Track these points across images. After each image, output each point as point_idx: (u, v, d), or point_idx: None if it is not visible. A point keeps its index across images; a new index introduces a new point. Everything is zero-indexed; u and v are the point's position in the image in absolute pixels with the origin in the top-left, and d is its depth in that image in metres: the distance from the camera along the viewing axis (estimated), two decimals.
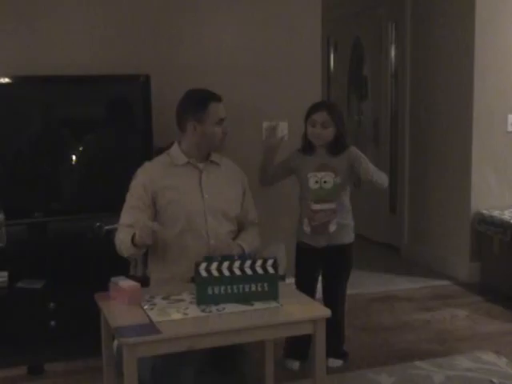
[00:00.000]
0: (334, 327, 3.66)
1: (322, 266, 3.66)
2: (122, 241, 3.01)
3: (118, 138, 4.07)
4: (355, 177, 3.57)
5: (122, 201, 3.11)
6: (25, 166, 3.89)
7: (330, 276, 3.65)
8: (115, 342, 2.86)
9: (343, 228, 3.56)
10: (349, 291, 3.73)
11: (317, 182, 3.49)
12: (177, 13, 4.35)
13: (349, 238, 3.60)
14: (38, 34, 4.06)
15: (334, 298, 3.60)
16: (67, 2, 4.11)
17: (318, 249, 3.56)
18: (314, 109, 3.53)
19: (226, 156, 3.29)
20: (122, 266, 3.30)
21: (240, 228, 3.23)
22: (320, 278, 3.71)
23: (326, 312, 2.65)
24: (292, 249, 3.68)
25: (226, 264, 2.65)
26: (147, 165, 3.18)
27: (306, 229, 3.55)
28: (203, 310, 2.60)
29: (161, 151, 3.32)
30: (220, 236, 3.08)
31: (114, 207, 3.20)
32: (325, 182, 3.48)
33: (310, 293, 3.48)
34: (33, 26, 4.06)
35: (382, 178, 3.52)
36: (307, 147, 3.57)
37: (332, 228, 3.51)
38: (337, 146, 3.51)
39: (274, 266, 2.69)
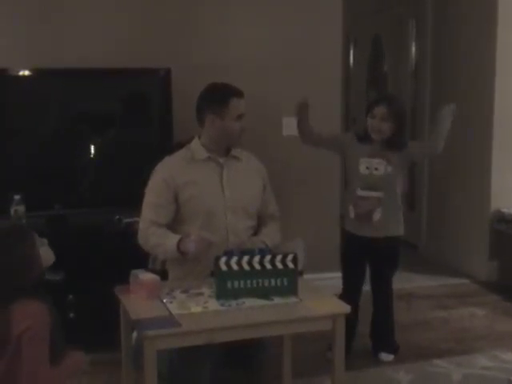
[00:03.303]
0: (385, 321, 3.67)
1: (368, 259, 3.61)
2: (160, 244, 2.96)
3: (138, 131, 4.08)
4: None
5: (142, 194, 3.10)
6: (45, 158, 3.91)
7: (375, 270, 3.64)
8: (134, 334, 2.87)
9: (389, 219, 3.49)
10: (367, 288, 3.72)
11: (368, 167, 3.43)
12: (199, 7, 4.36)
13: (395, 230, 3.55)
14: (58, 27, 4.10)
15: (380, 294, 3.62)
16: None
17: (363, 239, 3.51)
18: (375, 102, 3.51)
19: (247, 150, 3.26)
20: (140, 259, 3.31)
21: (260, 222, 3.19)
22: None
23: (346, 308, 2.64)
24: (311, 244, 3.67)
25: (245, 258, 2.65)
26: (167, 160, 3.13)
27: (351, 214, 3.51)
28: (223, 304, 2.60)
29: (180, 145, 3.30)
30: (239, 232, 3.05)
31: (134, 200, 3.20)
32: (376, 169, 3.43)
33: (357, 285, 3.52)
34: (54, 20, 4.09)
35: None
36: (365, 138, 3.50)
37: (376, 217, 3.45)
38: (395, 143, 3.44)
39: (294, 261, 2.68)
